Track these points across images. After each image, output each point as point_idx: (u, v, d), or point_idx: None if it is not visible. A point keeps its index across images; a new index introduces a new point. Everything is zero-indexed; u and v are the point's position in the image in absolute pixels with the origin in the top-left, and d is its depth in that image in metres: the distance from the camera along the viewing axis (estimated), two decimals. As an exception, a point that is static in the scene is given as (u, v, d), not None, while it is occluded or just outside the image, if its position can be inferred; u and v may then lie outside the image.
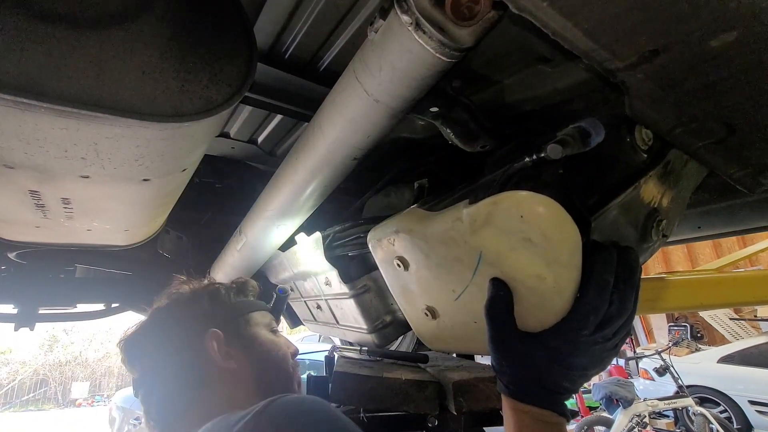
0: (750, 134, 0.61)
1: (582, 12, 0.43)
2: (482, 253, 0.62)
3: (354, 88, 0.70)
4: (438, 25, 0.54)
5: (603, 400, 5.23)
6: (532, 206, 0.55)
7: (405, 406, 0.98)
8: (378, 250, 0.88)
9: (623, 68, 0.50)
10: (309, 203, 1.04)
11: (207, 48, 0.68)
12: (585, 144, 0.54)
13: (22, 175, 0.74)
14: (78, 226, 1.03)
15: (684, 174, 0.79)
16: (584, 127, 0.54)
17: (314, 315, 1.62)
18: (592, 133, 0.54)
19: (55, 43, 0.57)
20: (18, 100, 0.55)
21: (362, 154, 0.84)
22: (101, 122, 0.62)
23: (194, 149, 0.82)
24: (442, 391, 1.01)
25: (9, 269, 1.58)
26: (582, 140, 0.54)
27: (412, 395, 0.99)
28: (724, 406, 5.98)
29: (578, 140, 0.54)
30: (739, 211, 1.24)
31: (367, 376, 1.02)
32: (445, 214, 0.69)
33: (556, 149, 0.53)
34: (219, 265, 1.61)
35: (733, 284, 1.66)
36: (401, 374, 1.04)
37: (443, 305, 0.79)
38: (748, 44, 0.44)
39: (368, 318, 1.21)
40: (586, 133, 0.54)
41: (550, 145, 0.54)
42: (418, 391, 0.99)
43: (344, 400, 1.02)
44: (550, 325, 0.56)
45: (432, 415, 1.00)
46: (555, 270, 0.55)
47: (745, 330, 7.78)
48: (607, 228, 0.64)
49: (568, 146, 0.53)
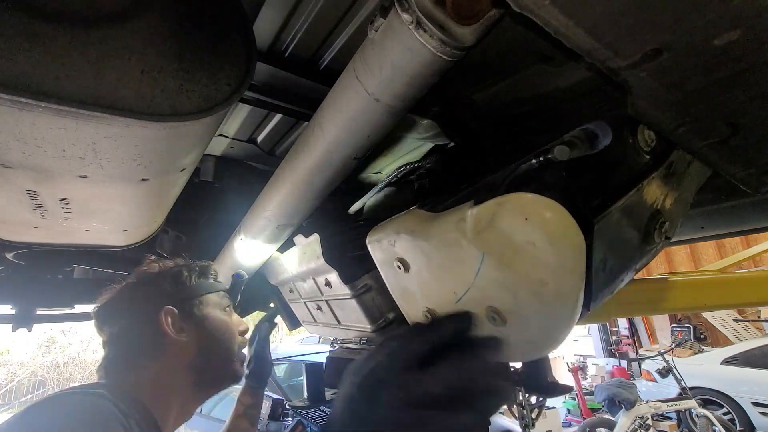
0: (754, 134, 0.61)
1: (584, 10, 0.43)
2: (485, 256, 0.62)
3: (354, 87, 0.69)
4: (439, 23, 0.53)
5: (605, 401, 5.22)
6: (537, 209, 0.54)
7: None
8: (378, 251, 0.87)
9: (626, 67, 0.50)
10: (309, 203, 1.04)
11: (206, 47, 0.67)
12: (592, 146, 0.53)
13: (19, 174, 0.74)
14: (76, 227, 1.03)
15: (687, 175, 0.78)
16: (592, 129, 0.54)
17: (314, 316, 1.61)
18: (599, 135, 0.53)
19: (53, 42, 0.57)
20: (15, 99, 0.55)
21: (362, 153, 0.84)
22: (100, 122, 0.62)
23: (193, 149, 0.82)
24: None
25: (7, 270, 1.58)
26: (589, 142, 0.53)
27: None
28: (727, 408, 5.95)
29: (585, 142, 0.53)
30: (742, 211, 1.23)
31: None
32: (448, 216, 0.69)
33: (564, 151, 0.53)
34: (218, 265, 1.61)
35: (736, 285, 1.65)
36: None
37: (444, 307, 0.78)
38: (752, 43, 0.44)
39: (371, 317, 1.20)
40: (594, 135, 0.53)
41: (558, 147, 0.53)
42: None
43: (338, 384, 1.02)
44: (549, 331, 0.56)
45: None
46: (558, 275, 0.54)
47: (748, 331, 7.75)
48: (610, 231, 0.63)
49: (575, 148, 0.52)
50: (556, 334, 0.61)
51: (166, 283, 1.09)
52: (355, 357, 1.04)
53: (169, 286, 1.09)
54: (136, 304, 1.05)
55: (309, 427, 3.02)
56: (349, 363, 1.02)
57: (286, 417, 2.87)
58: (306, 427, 3.00)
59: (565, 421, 7.24)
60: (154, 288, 1.08)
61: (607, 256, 0.64)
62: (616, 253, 0.67)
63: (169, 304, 1.05)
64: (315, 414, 3.11)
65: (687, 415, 5.51)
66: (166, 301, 1.05)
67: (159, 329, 1.01)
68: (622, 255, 0.68)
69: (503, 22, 0.56)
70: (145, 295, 1.07)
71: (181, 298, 1.08)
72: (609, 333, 10.11)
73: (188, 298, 1.09)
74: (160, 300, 1.05)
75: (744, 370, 5.99)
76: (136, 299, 1.06)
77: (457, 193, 0.79)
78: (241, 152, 1.48)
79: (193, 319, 1.07)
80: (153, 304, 1.04)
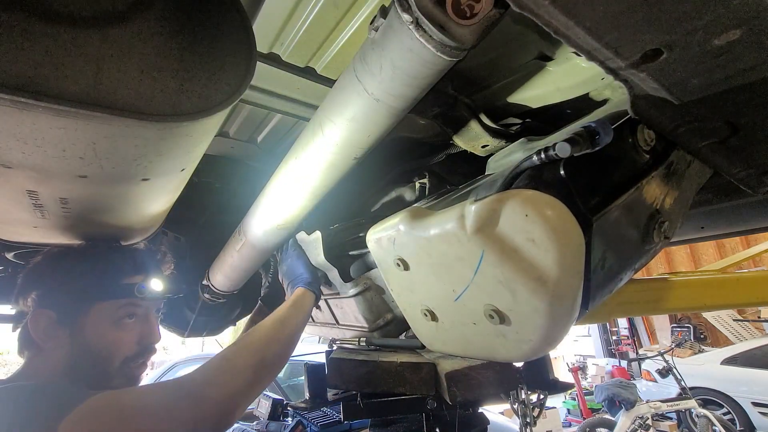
0: (753, 134, 0.61)
1: (584, 10, 0.43)
2: (484, 253, 0.62)
3: (354, 87, 0.69)
4: (439, 23, 0.53)
5: (605, 401, 5.21)
6: (538, 205, 0.54)
7: (401, 388, 0.99)
8: (377, 249, 0.87)
9: (626, 67, 0.50)
10: (309, 203, 1.04)
11: (206, 47, 0.67)
12: (593, 144, 0.53)
13: (19, 174, 0.74)
14: (76, 227, 1.03)
15: (687, 175, 0.78)
16: (593, 127, 0.54)
17: (313, 316, 1.62)
18: (600, 133, 0.53)
19: (53, 42, 0.57)
20: (16, 99, 0.55)
21: (362, 153, 0.84)
22: (100, 122, 0.62)
23: (193, 149, 0.82)
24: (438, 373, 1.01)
25: (7, 269, 1.57)
26: (591, 140, 0.53)
27: (408, 377, 0.99)
28: (727, 408, 5.94)
29: (587, 139, 0.53)
30: (742, 211, 1.23)
31: (363, 360, 1.03)
32: (448, 212, 0.69)
33: (565, 148, 0.53)
34: (218, 265, 1.60)
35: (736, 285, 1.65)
36: (397, 358, 1.04)
37: (443, 306, 0.78)
38: (752, 43, 0.44)
39: (369, 317, 1.20)
40: (595, 132, 0.53)
41: (560, 144, 0.53)
42: (414, 372, 0.99)
43: (340, 384, 1.03)
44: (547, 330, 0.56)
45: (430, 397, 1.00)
46: (558, 273, 0.54)
47: (748, 331, 7.74)
48: (608, 229, 0.63)
49: (577, 145, 0.53)
50: (555, 333, 0.61)
51: (55, 281, 0.93)
52: (357, 357, 1.04)
53: (58, 284, 0.93)
54: (26, 293, 0.93)
55: (309, 427, 3.02)
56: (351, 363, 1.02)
57: (286, 417, 2.87)
58: (306, 427, 3.00)
59: (565, 421, 7.23)
60: (45, 282, 0.93)
61: (606, 255, 0.64)
62: (615, 252, 0.67)
63: (47, 306, 0.90)
64: (315, 414, 3.11)
65: (687, 415, 5.50)
66: (47, 302, 0.91)
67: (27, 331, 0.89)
68: (620, 254, 0.69)
69: (503, 21, 0.56)
70: (36, 285, 0.93)
71: (65, 301, 0.91)
72: (609, 333, 10.11)
73: (74, 302, 0.91)
74: (44, 297, 0.91)
75: (744, 370, 5.98)
76: (27, 286, 0.94)
77: (457, 192, 0.79)
78: (241, 152, 1.48)
79: (71, 328, 0.90)
80: (37, 300, 0.91)
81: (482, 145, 1.02)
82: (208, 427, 0.74)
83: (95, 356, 0.91)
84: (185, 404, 0.74)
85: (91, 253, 1.01)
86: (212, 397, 0.76)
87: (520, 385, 0.96)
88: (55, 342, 0.89)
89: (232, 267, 1.50)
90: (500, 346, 0.69)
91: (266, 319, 0.98)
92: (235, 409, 0.79)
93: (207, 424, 0.74)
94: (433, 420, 1.03)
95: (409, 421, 1.07)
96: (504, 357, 0.73)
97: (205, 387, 0.78)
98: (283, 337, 0.94)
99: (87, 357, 0.90)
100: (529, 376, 0.99)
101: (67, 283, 0.93)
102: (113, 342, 0.93)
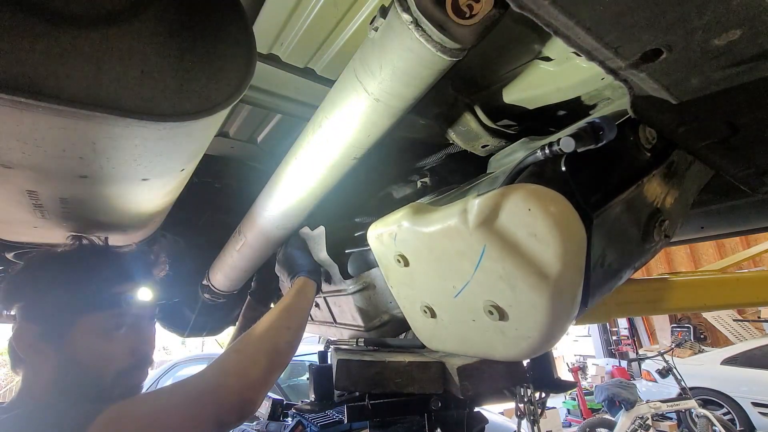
0: (753, 134, 0.61)
1: (584, 10, 0.43)
2: (486, 247, 0.62)
3: (354, 87, 0.69)
4: (438, 23, 0.53)
5: (605, 401, 5.21)
6: (541, 200, 0.55)
7: (410, 388, 0.99)
8: (378, 245, 0.87)
9: (626, 67, 0.50)
10: (308, 203, 1.04)
11: (206, 47, 0.67)
12: (597, 139, 0.53)
13: (19, 174, 0.74)
14: (76, 227, 1.03)
15: (688, 175, 0.78)
16: (597, 123, 0.54)
17: (311, 314, 1.62)
18: (604, 129, 0.53)
19: (53, 42, 0.57)
20: (16, 100, 0.55)
21: (362, 153, 0.84)
22: (100, 122, 0.62)
23: (193, 149, 0.82)
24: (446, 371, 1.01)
25: (7, 269, 1.57)
26: (594, 135, 0.54)
27: (417, 376, 0.99)
28: (727, 408, 5.94)
29: (591, 135, 0.53)
30: (742, 211, 1.23)
31: (372, 361, 1.02)
32: (450, 207, 0.69)
33: (570, 143, 0.53)
34: (218, 265, 1.60)
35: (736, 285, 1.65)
36: (404, 358, 1.04)
37: (442, 302, 0.78)
38: (752, 43, 0.44)
39: (366, 316, 1.20)
40: (599, 128, 0.53)
41: (564, 138, 0.53)
42: (422, 372, 0.99)
43: (349, 386, 1.02)
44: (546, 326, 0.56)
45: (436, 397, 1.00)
46: (557, 269, 0.54)
47: (748, 331, 7.74)
48: (609, 226, 0.63)
49: (581, 141, 0.53)
50: (554, 330, 0.61)
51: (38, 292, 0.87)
52: (364, 358, 1.04)
53: (40, 297, 0.86)
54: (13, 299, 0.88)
55: (309, 428, 3.02)
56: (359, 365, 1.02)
57: (286, 417, 2.87)
58: (306, 427, 3.00)
59: (565, 421, 7.23)
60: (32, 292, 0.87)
61: (606, 252, 0.64)
62: (615, 250, 0.67)
63: (31, 320, 0.84)
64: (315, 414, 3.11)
65: (687, 415, 5.50)
66: (32, 314, 0.85)
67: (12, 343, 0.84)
68: (620, 251, 0.69)
69: (503, 21, 0.56)
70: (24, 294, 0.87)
71: (50, 314, 0.85)
72: (609, 333, 10.11)
73: (58, 315, 0.85)
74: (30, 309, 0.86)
75: (744, 370, 5.98)
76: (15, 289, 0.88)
77: (458, 189, 0.79)
78: (241, 152, 1.48)
79: (57, 342, 0.84)
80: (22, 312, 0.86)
81: (482, 145, 1.02)
82: (232, 418, 0.74)
83: (85, 371, 0.84)
84: (207, 399, 0.74)
85: (76, 259, 0.94)
86: (233, 388, 0.76)
87: (525, 384, 0.96)
88: (41, 357, 0.83)
89: (232, 267, 1.50)
90: (499, 343, 0.69)
91: (272, 309, 0.98)
92: (255, 397, 0.79)
93: (232, 416, 0.74)
94: (435, 420, 1.03)
95: (410, 421, 1.07)
96: (502, 354, 0.73)
97: (224, 378, 0.78)
98: (292, 325, 0.95)
99: (76, 372, 0.84)
100: (533, 375, 0.99)
101: (50, 295, 0.87)
102: (103, 355, 0.86)
